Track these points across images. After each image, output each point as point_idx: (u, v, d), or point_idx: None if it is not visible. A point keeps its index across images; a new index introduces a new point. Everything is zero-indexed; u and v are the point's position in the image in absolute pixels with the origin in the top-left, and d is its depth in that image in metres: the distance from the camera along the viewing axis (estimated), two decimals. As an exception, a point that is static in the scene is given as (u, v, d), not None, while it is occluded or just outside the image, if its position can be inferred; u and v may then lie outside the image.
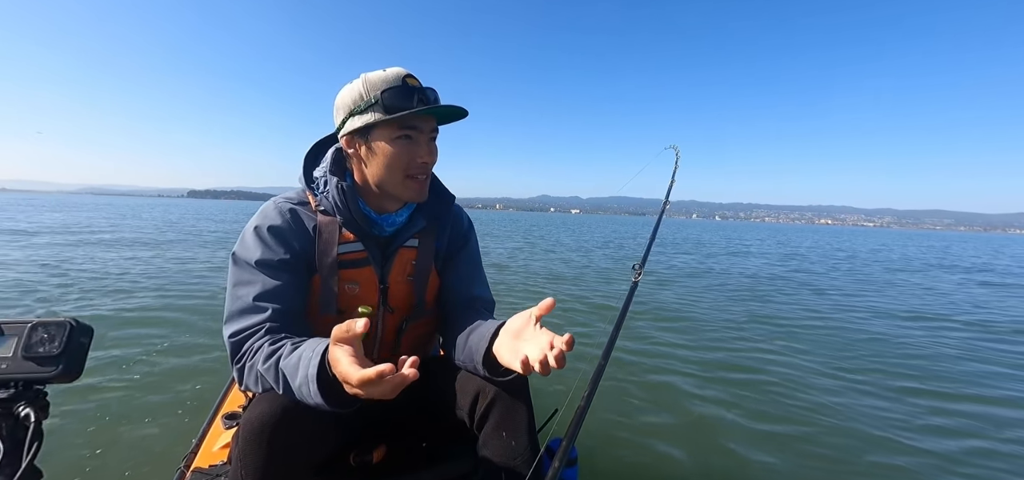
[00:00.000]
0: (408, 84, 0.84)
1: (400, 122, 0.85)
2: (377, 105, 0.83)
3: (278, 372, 0.73)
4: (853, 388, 2.62)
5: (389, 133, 0.86)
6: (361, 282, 0.93)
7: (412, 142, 0.88)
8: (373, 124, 0.85)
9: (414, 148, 0.88)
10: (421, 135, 0.88)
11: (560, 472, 0.72)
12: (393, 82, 0.84)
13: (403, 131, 0.86)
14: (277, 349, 0.76)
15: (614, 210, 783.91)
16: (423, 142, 0.89)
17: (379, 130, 0.86)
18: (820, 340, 3.67)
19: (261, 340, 0.79)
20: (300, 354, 0.72)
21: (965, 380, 2.82)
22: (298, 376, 0.69)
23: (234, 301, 0.83)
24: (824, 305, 5.29)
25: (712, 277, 7.37)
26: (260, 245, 0.86)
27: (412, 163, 0.88)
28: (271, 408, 0.71)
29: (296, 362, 0.71)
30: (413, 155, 0.88)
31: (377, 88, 0.84)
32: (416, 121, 0.86)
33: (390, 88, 0.83)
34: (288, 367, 0.72)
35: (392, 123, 0.85)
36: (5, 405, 0.53)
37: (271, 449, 0.70)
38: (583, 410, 0.82)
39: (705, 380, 2.66)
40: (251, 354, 0.78)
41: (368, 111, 0.84)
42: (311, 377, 0.67)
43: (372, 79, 0.85)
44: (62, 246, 7.60)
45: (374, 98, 0.83)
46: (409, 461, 0.95)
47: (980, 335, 4.06)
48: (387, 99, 0.83)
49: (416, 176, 0.90)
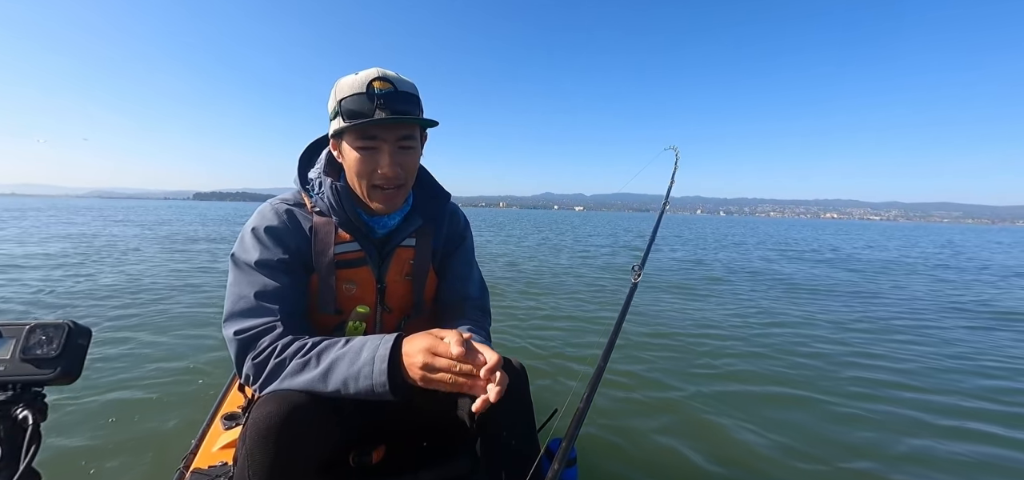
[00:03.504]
0: (372, 89, 0.80)
1: (361, 131, 0.82)
2: (342, 113, 0.82)
3: (322, 360, 0.75)
4: (856, 389, 2.62)
5: (352, 141, 0.84)
6: (358, 282, 0.93)
7: (375, 152, 0.84)
8: (339, 131, 0.84)
9: (376, 158, 0.84)
10: (384, 145, 0.84)
11: (560, 473, 0.72)
12: (357, 88, 0.81)
13: (364, 141, 0.83)
14: (319, 342, 0.78)
15: (618, 206, 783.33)
16: (386, 152, 0.84)
17: (346, 137, 0.85)
18: (820, 341, 3.66)
19: (278, 339, 0.79)
20: (363, 341, 0.76)
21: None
22: (362, 358, 0.73)
23: (236, 301, 0.83)
24: (822, 305, 5.28)
25: (713, 275, 7.36)
26: (258, 246, 0.86)
27: (373, 174, 0.85)
28: (279, 407, 0.72)
29: (358, 347, 0.75)
30: (374, 166, 0.85)
31: (342, 93, 0.82)
32: (376, 130, 0.83)
33: (351, 95, 0.81)
34: (346, 353, 0.75)
35: (354, 131, 0.83)
36: (3, 407, 0.53)
37: (278, 448, 0.70)
38: (583, 410, 0.82)
39: (706, 380, 2.66)
40: (276, 352, 0.77)
41: (336, 117, 0.84)
42: (382, 356, 0.72)
43: (341, 84, 0.83)
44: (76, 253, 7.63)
45: (341, 105, 0.82)
46: (409, 461, 0.95)
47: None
48: (346, 106, 0.81)
49: (380, 187, 0.87)
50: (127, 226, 13.59)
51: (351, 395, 0.74)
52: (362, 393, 0.73)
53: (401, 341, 0.74)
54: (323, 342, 0.79)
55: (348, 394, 0.74)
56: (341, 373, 0.73)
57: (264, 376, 0.78)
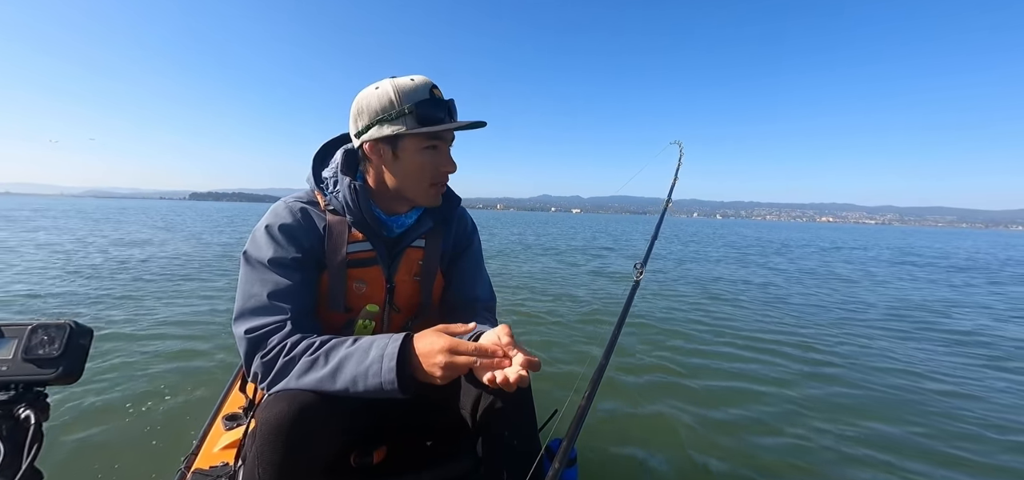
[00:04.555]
0: (435, 96, 0.88)
1: (429, 134, 0.88)
2: (409, 116, 0.86)
3: (330, 358, 0.76)
4: (862, 392, 2.62)
5: (417, 143, 0.89)
6: (368, 281, 0.95)
7: (437, 152, 0.92)
8: (403, 134, 0.87)
9: (439, 158, 0.92)
10: (445, 146, 0.93)
11: (560, 472, 0.72)
12: (423, 94, 0.87)
13: (430, 142, 0.90)
14: (327, 340, 0.79)
15: (615, 209, 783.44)
16: (445, 152, 0.93)
17: (409, 140, 0.89)
18: (820, 342, 3.66)
19: (288, 337, 0.80)
20: (371, 340, 0.77)
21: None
22: (371, 356, 0.74)
23: (248, 299, 0.83)
24: (818, 304, 5.29)
25: (714, 275, 7.36)
26: (272, 244, 0.86)
27: (437, 172, 0.93)
28: (289, 407, 0.72)
29: (367, 346, 0.76)
30: (438, 165, 0.92)
31: (410, 99, 0.86)
32: (441, 132, 0.90)
33: (422, 100, 0.86)
34: (355, 351, 0.76)
35: (422, 134, 0.88)
36: (5, 407, 0.53)
37: (289, 446, 0.71)
38: (584, 410, 0.82)
39: (706, 380, 2.66)
40: (284, 351, 0.78)
41: (399, 120, 0.86)
42: (391, 354, 0.73)
43: (404, 89, 0.87)
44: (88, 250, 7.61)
45: (407, 109, 0.86)
46: (410, 461, 0.95)
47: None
48: (421, 111, 0.86)
49: (438, 184, 0.95)
50: (126, 227, 13.58)
51: (359, 393, 0.74)
52: (371, 391, 0.73)
53: (411, 340, 0.77)
54: (331, 341, 0.79)
55: (356, 392, 0.74)
56: (350, 371, 0.74)
57: (273, 374, 0.78)
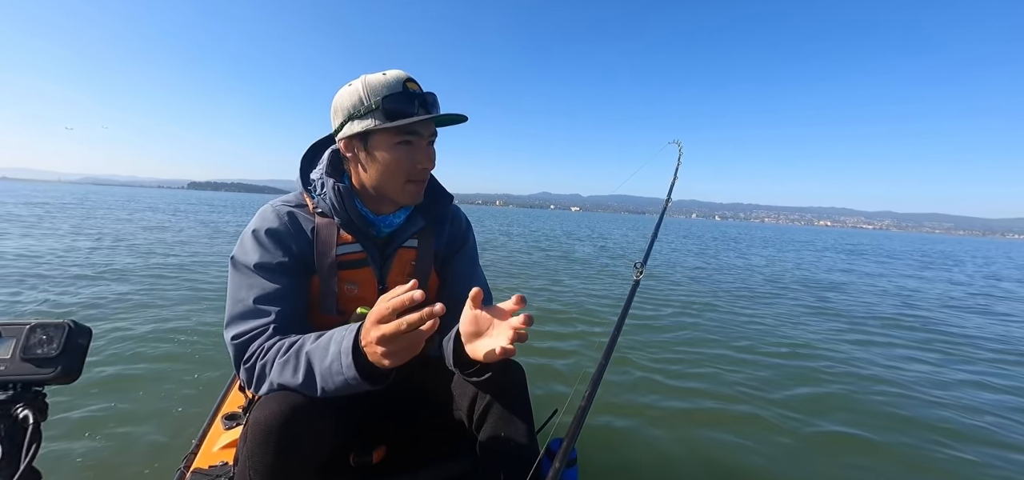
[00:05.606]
0: (408, 89, 0.84)
1: (400, 128, 0.85)
2: (377, 111, 0.83)
3: (300, 359, 0.74)
4: (864, 394, 2.62)
5: (389, 139, 0.86)
6: (360, 283, 0.93)
7: (412, 147, 0.88)
8: (373, 130, 0.85)
9: (414, 153, 0.88)
10: (421, 140, 0.89)
11: (560, 472, 0.72)
12: (394, 87, 0.84)
13: (403, 137, 0.87)
14: (296, 341, 0.77)
15: (614, 208, 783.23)
16: (423, 147, 0.89)
17: (379, 136, 0.86)
18: (822, 343, 3.66)
19: (269, 340, 0.79)
20: (330, 336, 0.73)
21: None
22: (330, 353, 0.71)
23: (235, 304, 0.83)
24: (813, 302, 5.28)
25: (714, 276, 7.36)
26: (258, 249, 0.86)
27: (412, 169, 0.89)
28: (280, 407, 0.71)
29: (326, 343, 0.73)
30: (413, 160, 0.89)
31: (378, 93, 0.83)
32: (416, 127, 0.86)
33: (391, 94, 0.83)
34: (316, 350, 0.73)
35: (392, 129, 0.85)
36: (4, 406, 0.53)
37: (280, 448, 0.70)
38: (583, 410, 0.82)
39: (707, 380, 2.66)
40: (261, 354, 0.78)
41: (368, 116, 0.84)
42: (346, 350, 0.69)
43: (372, 84, 0.84)
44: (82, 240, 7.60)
45: (374, 104, 0.83)
46: (408, 461, 0.95)
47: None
48: (388, 105, 0.83)
49: (415, 180, 0.91)
50: (127, 222, 13.54)
51: (333, 393, 0.72)
52: (341, 389, 0.71)
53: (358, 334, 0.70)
54: (299, 340, 0.77)
55: (331, 393, 0.72)
56: (318, 372, 0.72)
57: (255, 379, 0.78)
